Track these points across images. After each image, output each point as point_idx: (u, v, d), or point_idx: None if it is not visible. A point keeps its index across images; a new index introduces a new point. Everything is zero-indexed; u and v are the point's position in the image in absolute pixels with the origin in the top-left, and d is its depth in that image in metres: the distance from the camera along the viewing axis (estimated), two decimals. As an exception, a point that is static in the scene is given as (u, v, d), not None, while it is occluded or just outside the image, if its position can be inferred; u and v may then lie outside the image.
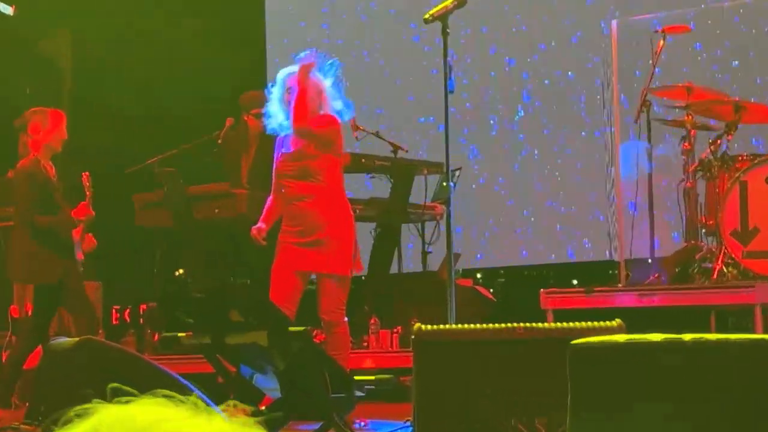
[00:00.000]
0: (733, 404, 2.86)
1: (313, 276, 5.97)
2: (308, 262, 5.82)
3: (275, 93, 6.03)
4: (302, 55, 5.96)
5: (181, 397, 1.06)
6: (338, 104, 6.01)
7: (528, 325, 4.24)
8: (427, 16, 5.41)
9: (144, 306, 9.53)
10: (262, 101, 8.21)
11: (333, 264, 5.80)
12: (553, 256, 10.15)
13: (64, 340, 4.93)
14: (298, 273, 5.85)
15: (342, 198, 5.96)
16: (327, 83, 5.98)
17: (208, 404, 1.07)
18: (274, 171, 6.06)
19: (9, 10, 11.01)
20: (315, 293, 5.89)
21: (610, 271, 9.14)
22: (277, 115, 6.02)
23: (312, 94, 5.89)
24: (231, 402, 1.08)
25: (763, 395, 2.84)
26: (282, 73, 6.06)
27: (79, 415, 1.02)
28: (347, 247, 5.88)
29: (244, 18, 11.46)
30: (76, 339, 4.87)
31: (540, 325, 4.30)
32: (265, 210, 6.13)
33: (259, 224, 6.03)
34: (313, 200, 5.84)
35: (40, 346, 7.15)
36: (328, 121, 5.93)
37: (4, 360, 7.58)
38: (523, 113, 10.24)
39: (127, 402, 1.05)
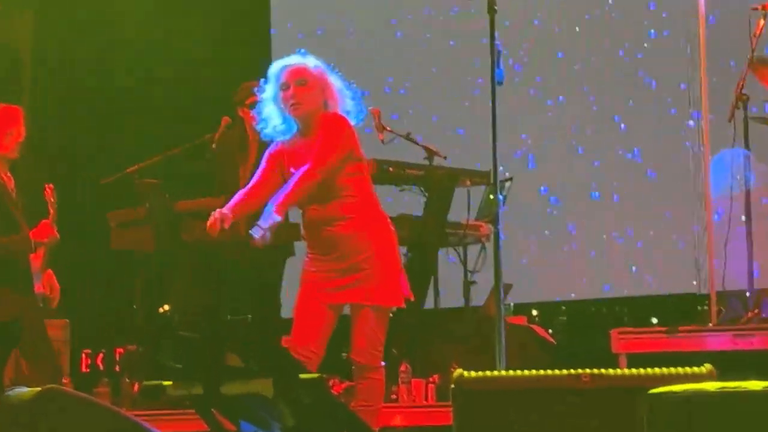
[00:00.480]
0: None
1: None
2: (345, 293, 5.81)
3: (269, 91, 5.96)
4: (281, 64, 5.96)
5: None
6: (349, 104, 6.01)
7: (596, 371, 4.24)
8: (472, -9, 5.46)
9: (121, 349, 9.58)
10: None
11: (376, 294, 5.79)
12: (627, 289, 10.13)
13: (22, 391, 4.96)
14: (330, 307, 5.87)
15: (378, 210, 5.94)
16: (335, 79, 5.98)
17: None
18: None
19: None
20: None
21: (699, 307, 9.13)
22: (272, 117, 5.96)
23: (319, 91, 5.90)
24: None
25: None
26: (276, 67, 5.98)
27: None
28: (394, 272, 5.88)
29: (244, 9, 11.54)
30: (38, 389, 4.91)
31: (611, 371, 4.31)
32: (238, 196, 6.00)
33: (226, 210, 5.84)
34: (346, 222, 5.82)
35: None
36: (336, 123, 5.92)
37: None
38: (587, 112, 10.24)
39: None
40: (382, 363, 5.93)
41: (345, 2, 11.27)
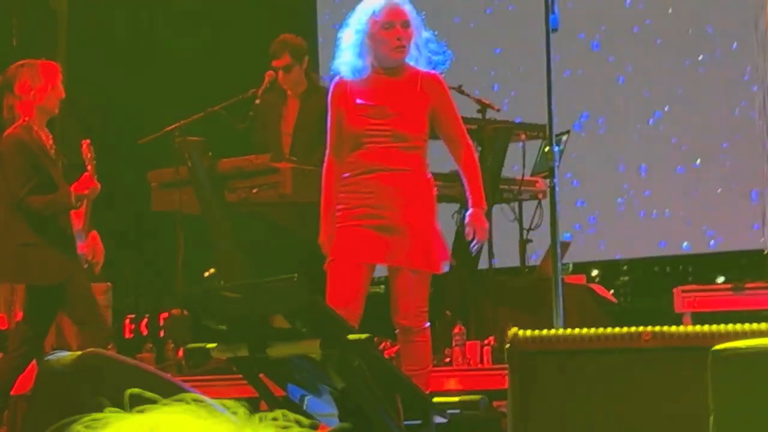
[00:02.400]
0: None
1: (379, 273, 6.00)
2: (386, 251, 5.81)
3: (358, 24, 5.87)
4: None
5: (216, 405, 1.09)
6: (434, 51, 6.03)
7: (657, 329, 4.24)
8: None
9: (164, 314, 9.64)
10: (294, 43, 8.25)
11: (419, 256, 5.82)
12: (691, 245, 10.10)
13: (64, 356, 5.02)
14: (367, 266, 5.88)
15: (428, 173, 5.97)
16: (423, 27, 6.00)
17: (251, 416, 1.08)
18: (343, 127, 5.95)
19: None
20: (381, 296, 5.93)
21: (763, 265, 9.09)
22: (352, 53, 5.88)
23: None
24: (280, 415, 1.10)
25: None
26: (372, 4, 5.88)
27: (88, 427, 1.04)
28: (436, 236, 5.91)
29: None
30: (79, 353, 4.96)
31: (674, 329, 4.30)
32: (325, 201, 6.03)
33: (323, 233, 6.01)
34: (403, 174, 5.84)
35: (34, 364, 7.27)
36: (448, 91, 6.05)
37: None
38: (654, 69, 10.20)
39: (145, 411, 1.07)
40: (428, 324, 5.96)
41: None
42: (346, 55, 5.90)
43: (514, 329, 4.33)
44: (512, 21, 10.40)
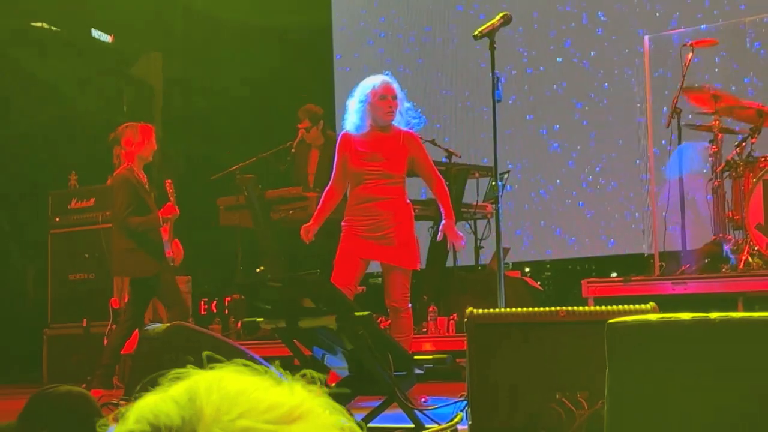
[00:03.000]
0: (758, 378, 2.83)
1: (375, 270, 5.99)
2: (379, 253, 5.82)
3: (360, 95, 5.85)
4: (383, 79, 5.89)
5: (258, 367, 1.06)
6: (411, 116, 6.00)
7: (569, 308, 4.21)
8: (476, 32, 5.39)
9: (228, 298, 9.61)
10: (304, 115, 8.22)
11: (402, 258, 5.81)
12: (594, 251, 10.06)
13: (158, 326, 4.98)
14: (363, 260, 5.88)
15: (407, 199, 5.97)
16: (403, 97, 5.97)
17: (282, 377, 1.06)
18: (349, 168, 5.88)
19: (108, 39, 11.20)
20: (379, 286, 5.91)
21: (644, 264, 9.05)
22: (355, 116, 5.85)
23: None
24: (305, 372, 1.07)
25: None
26: (377, 80, 5.86)
27: (174, 379, 1.01)
28: (413, 245, 5.91)
29: (313, 47, 11.52)
30: (168, 324, 4.93)
31: (580, 308, 4.27)
32: (318, 210, 6.00)
33: (310, 224, 5.95)
34: (390, 201, 5.81)
35: (137, 333, 7.24)
36: (421, 143, 6.00)
37: (105, 346, 7.68)
38: (565, 122, 10.17)
39: (215, 368, 1.04)
40: (410, 305, 5.94)
41: (390, 46, 11.23)
42: (352, 117, 5.89)
43: (471, 308, 4.30)
44: (472, 94, 10.38)
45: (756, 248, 6.85)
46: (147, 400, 0.97)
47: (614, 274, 9.38)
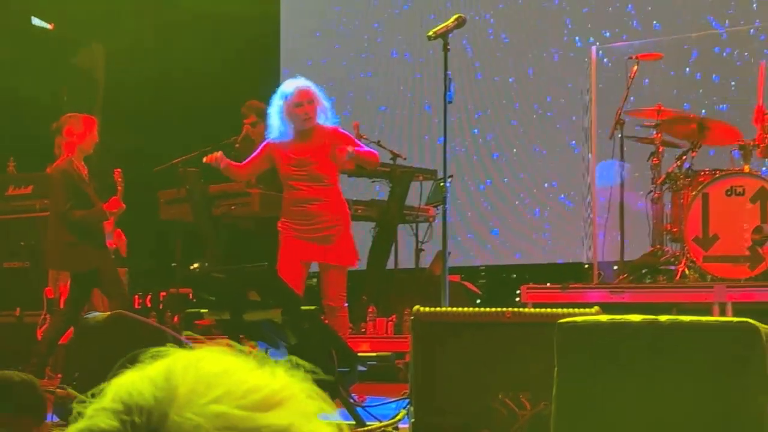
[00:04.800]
0: (701, 374, 2.88)
1: (315, 269, 6.01)
2: (318, 253, 5.84)
3: (277, 105, 5.91)
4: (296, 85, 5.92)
5: (243, 349, 1.03)
6: (329, 115, 6.03)
7: (515, 309, 4.24)
8: (430, 33, 5.42)
9: (164, 292, 9.53)
10: (249, 110, 8.22)
11: (341, 256, 5.82)
12: (533, 258, 10.14)
13: (97, 314, 4.93)
14: (304, 263, 5.88)
15: (343, 198, 6.01)
16: (323, 98, 5.99)
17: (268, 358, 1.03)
18: (279, 173, 6.04)
19: (48, 26, 11.05)
20: (316, 285, 5.94)
21: (580, 273, 9.13)
22: (277, 125, 5.94)
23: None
24: (291, 358, 1.05)
25: (727, 368, 2.86)
26: (289, 87, 5.92)
27: (152, 357, 0.98)
28: (351, 243, 5.92)
29: (260, 40, 11.47)
30: (108, 313, 4.87)
31: (526, 309, 4.31)
32: (231, 165, 6.14)
33: (222, 157, 6.09)
34: (324, 203, 5.87)
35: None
36: (344, 133, 6.01)
37: (39, 336, 7.56)
38: (509, 128, 10.25)
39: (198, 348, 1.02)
40: (346, 304, 5.98)
41: (338, 40, 11.22)
42: (275, 124, 5.96)
43: (417, 306, 4.31)
44: (421, 95, 10.40)
45: (692, 261, 6.96)
46: (126, 378, 0.95)
47: (548, 283, 9.45)
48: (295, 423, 0.93)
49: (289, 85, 5.94)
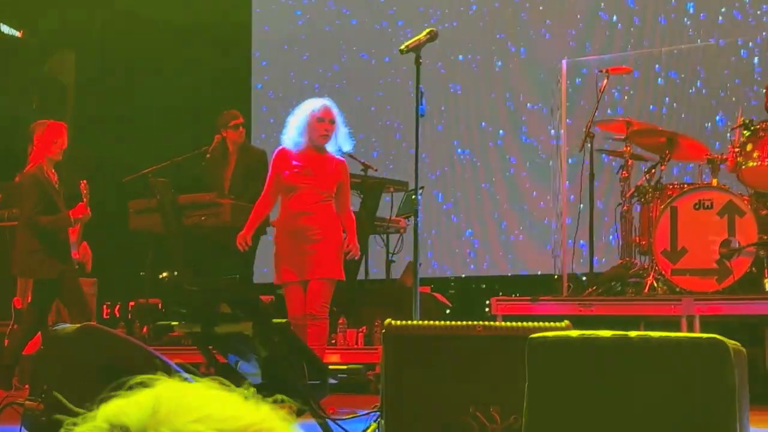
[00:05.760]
0: (671, 390, 2.91)
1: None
2: (307, 268, 6.01)
3: (302, 115, 6.12)
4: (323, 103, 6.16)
5: (230, 384, 1.05)
6: (346, 140, 6.28)
7: (486, 323, 4.25)
8: (402, 47, 5.42)
9: (132, 303, 9.48)
10: (237, 115, 8.27)
11: (327, 268, 6.03)
12: (502, 270, 10.17)
13: (66, 326, 4.88)
14: (300, 283, 6.06)
15: (335, 215, 6.15)
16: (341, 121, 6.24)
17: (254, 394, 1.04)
18: (281, 181, 6.12)
19: (17, 34, 10.99)
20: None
21: (550, 284, 9.17)
22: (294, 133, 6.12)
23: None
24: (279, 397, 1.06)
25: (696, 384, 2.89)
26: (318, 103, 6.16)
27: (141, 384, 1.00)
28: (335, 256, 6.10)
29: (231, 49, 11.46)
30: (78, 325, 4.83)
31: (497, 323, 4.32)
32: (250, 220, 6.22)
33: (244, 232, 6.15)
34: (318, 216, 6.04)
35: (39, 334, 7.11)
36: (348, 174, 6.28)
37: (5, 346, 7.52)
38: (478, 141, 10.28)
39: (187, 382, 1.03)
40: (327, 316, 6.09)
41: (310, 50, 11.22)
42: (291, 133, 6.13)
43: (389, 320, 4.31)
44: (393, 107, 10.42)
45: (661, 273, 7.01)
46: (115, 402, 0.98)
47: (517, 294, 9.49)
48: None
49: (318, 101, 6.21)
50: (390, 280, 8.83)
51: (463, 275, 10.49)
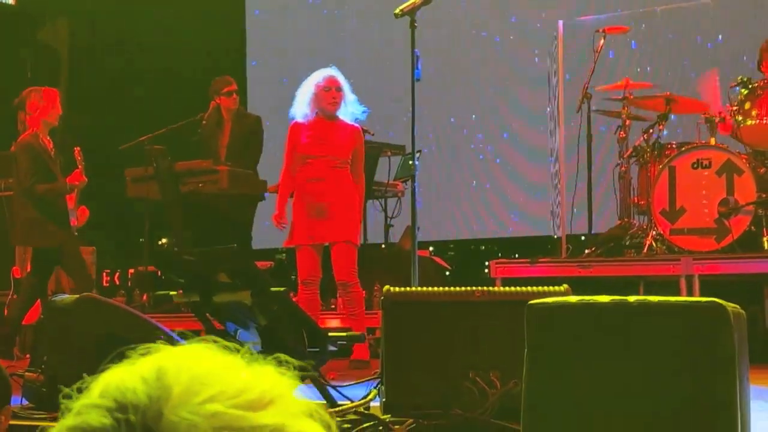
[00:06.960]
0: (670, 354, 2.90)
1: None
2: (324, 232, 6.19)
3: (309, 86, 6.26)
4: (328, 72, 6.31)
5: (230, 345, 1.02)
6: (355, 107, 6.44)
7: (485, 288, 4.25)
8: (397, 11, 5.39)
9: (132, 270, 9.49)
10: (230, 81, 8.23)
11: (344, 232, 6.20)
12: (500, 232, 10.17)
13: (66, 297, 4.88)
14: (315, 247, 6.26)
15: (352, 181, 6.33)
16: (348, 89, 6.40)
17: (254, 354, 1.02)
18: (297, 152, 6.26)
19: (10, 1, 10.90)
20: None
21: (549, 246, 9.19)
22: (303, 105, 6.27)
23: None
24: (278, 355, 1.04)
25: (695, 348, 2.88)
26: (323, 73, 6.30)
27: (142, 353, 0.97)
28: (353, 220, 6.33)
29: (226, 15, 11.39)
30: (77, 296, 4.83)
31: (495, 288, 4.32)
32: (279, 199, 6.42)
33: (277, 213, 6.38)
34: (335, 182, 6.21)
35: (38, 303, 7.11)
36: (363, 141, 6.47)
37: (5, 316, 7.53)
38: (477, 103, 10.24)
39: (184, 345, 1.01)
40: (357, 280, 6.35)
41: (306, 23, 11.15)
42: (301, 106, 6.30)
43: (387, 286, 4.31)
44: (390, 72, 10.36)
45: (660, 233, 7.00)
46: (113, 375, 0.94)
47: (516, 256, 9.49)
48: (287, 422, 0.93)
49: (321, 73, 6.33)
50: (388, 245, 8.83)
51: (462, 238, 10.48)
